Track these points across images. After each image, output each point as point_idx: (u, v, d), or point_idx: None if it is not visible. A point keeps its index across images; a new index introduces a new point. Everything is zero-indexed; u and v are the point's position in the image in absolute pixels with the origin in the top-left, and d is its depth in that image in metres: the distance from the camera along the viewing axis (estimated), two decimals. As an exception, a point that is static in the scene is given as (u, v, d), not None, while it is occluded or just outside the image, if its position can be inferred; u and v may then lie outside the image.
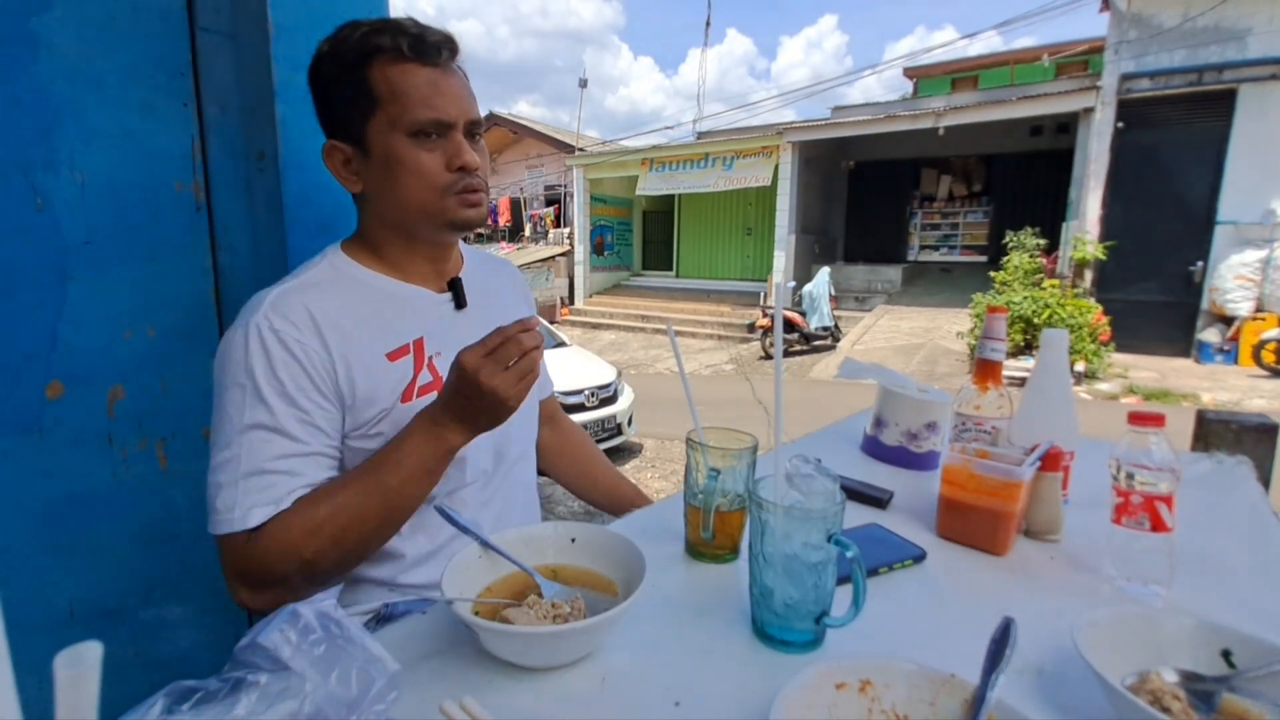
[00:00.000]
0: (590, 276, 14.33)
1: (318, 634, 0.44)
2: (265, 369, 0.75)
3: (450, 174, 0.82)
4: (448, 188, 0.83)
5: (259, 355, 0.76)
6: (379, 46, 0.79)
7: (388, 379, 0.83)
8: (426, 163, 0.81)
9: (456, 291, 0.93)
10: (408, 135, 0.80)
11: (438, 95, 0.80)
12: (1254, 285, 7.50)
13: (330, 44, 0.81)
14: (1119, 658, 0.53)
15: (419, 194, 0.82)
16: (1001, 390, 0.97)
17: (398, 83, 0.79)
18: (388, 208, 0.86)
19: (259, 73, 1.00)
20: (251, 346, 0.76)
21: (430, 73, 0.80)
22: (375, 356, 0.83)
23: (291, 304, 0.79)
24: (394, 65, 0.79)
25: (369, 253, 0.89)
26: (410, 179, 0.82)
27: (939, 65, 16.06)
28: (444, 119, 0.81)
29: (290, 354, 0.77)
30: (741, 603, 0.66)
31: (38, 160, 0.87)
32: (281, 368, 0.76)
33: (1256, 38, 7.42)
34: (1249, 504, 0.96)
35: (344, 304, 0.83)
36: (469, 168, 0.83)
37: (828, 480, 0.65)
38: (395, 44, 0.78)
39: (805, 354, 9.34)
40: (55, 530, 0.92)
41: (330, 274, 0.85)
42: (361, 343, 0.82)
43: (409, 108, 0.79)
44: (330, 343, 0.79)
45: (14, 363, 0.87)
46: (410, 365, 0.85)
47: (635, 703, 0.54)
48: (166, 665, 1.03)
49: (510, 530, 0.71)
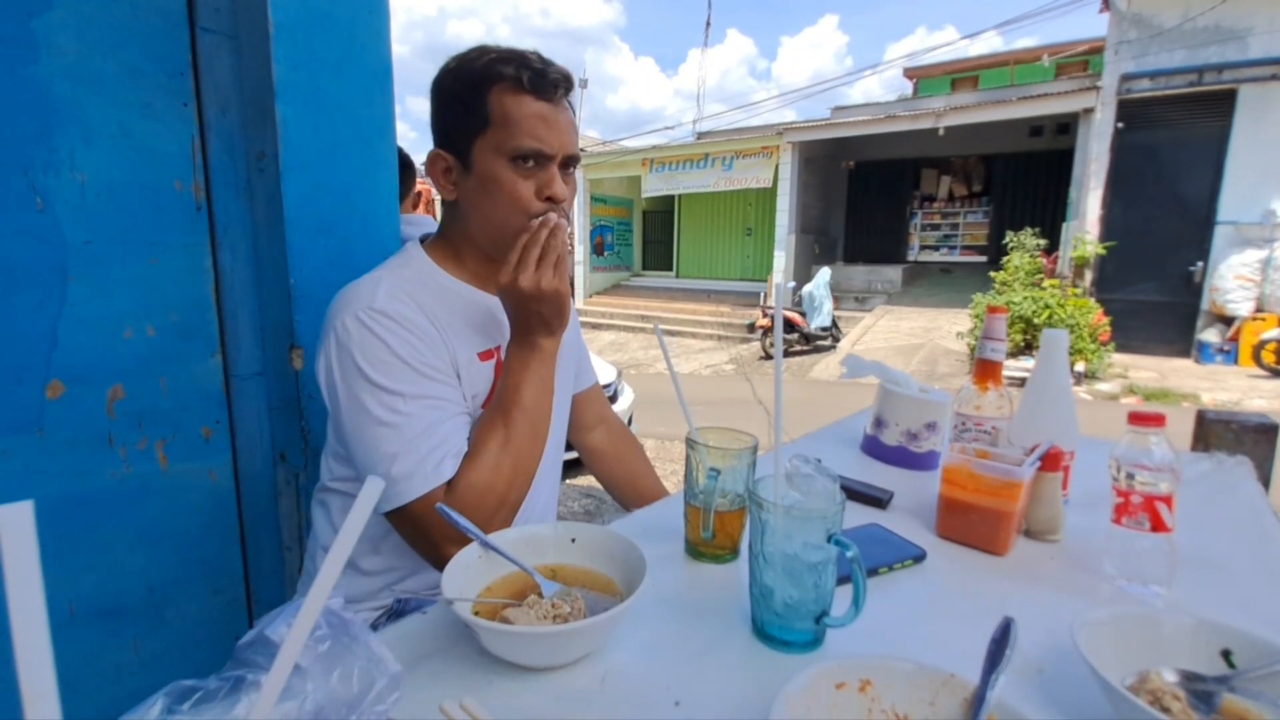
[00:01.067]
0: (590, 276, 14.34)
1: (323, 631, 0.44)
2: (402, 344, 0.81)
3: (540, 202, 0.86)
4: (535, 215, 0.86)
5: (391, 334, 0.81)
6: (502, 74, 0.83)
7: (481, 375, 0.90)
8: (521, 188, 0.85)
9: None
10: (509, 159, 0.85)
11: (545, 128, 0.85)
12: (1254, 285, 7.50)
13: (457, 61, 0.87)
14: (1119, 658, 0.53)
15: (508, 215, 0.86)
16: (1001, 390, 0.97)
17: (511, 110, 0.84)
18: (477, 222, 0.90)
19: (259, 73, 1.01)
20: (377, 330, 0.80)
21: (543, 106, 0.85)
22: (471, 353, 0.89)
23: (398, 292, 0.84)
24: (512, 94, 0.84)
25: (452, 258, 0.93)
26: (503, 199, 0.86)
27: (939, 65, 16.06)
28: (545, 150, 0.85)
29: (414, 332, 0.82)
30: (741, 603, 0.66)
31: (38, 160, 0.87)
32: (416, 341, 0.82)
33: (1256, 38, 7.42)
34: (1249, 504, 0.96)
35: (440, 303, 0.88)
36: (557, 198, 0.87)
37: (828, 480, 0.65)
38: (517, 74, 0.83)
39: (805, 354, 9.34)
40: (55, 530, 0.92)
41: (417, 273, 0.90)
42: (459, 338, 0.88)
43: (516, 135, 0.84)
44: (441, 329, 0.86)
45: (14, 363, 0.87)
46: (493, 370, 0.92)
47: (635, 703, 0.54)
48: (166, 665, 1.03)
49: (510, 530, 0.71)
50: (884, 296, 11.83)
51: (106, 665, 0.98)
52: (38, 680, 0.26)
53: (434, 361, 0.83)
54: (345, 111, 1.08)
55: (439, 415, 0.81)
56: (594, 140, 16.81)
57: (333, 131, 1.07)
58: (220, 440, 1.07)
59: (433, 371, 0.83)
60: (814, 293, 9.43)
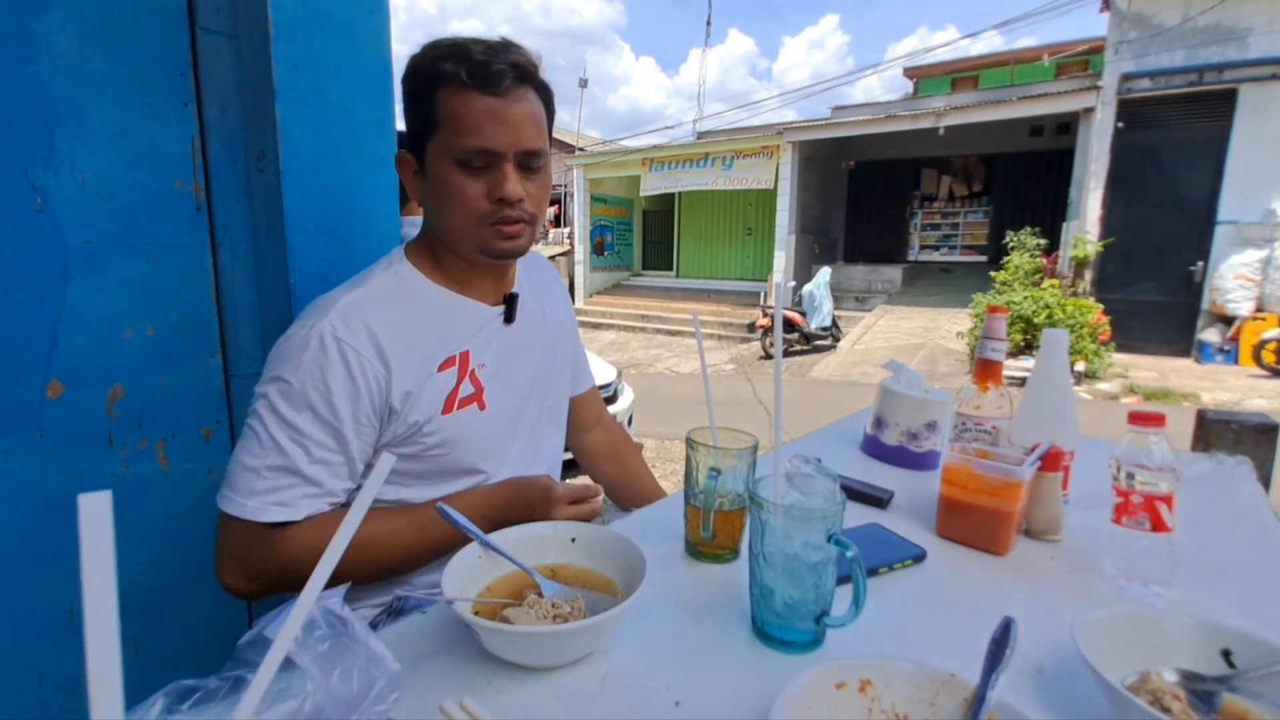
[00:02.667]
0: (590, 276, 14.33)
1: (322, 630, 0.44)
2: (317, 376, 0.78)
3: (490, 204, 0.83)
4: (485, 217, 0.83)
5: (315, 360, 0.78)
6: (444, 72, 0.80)
7: (432, 390, 0.85)
8: (469, 190, 0.82)
9: (510, 306, 0.95)
10: (456, 162, 0.81)
11: (490, 124, 0.80)
12: (1254, 285, 7.49)
13: (410, 61, 0.84)
14: (1119, 658, 0.53)
15: (458, 220, 0.84)
16: (1002, 390, 0.97)
17: (456, 109, 0.80)
18: (437, 226, 0.89)
19: (259, 73, 1.00)
20: (311, 349, 0.78)
21: (489, 102, 0.80)
22: (428, 370, 0.85)
23: (359, 317, 0.81)
24: (456, 92, 0.80)
25: (431, 261, 0.91)
26: (452, 205, 0.83)
27: (939, 65, 16.06)
28: (490, 148, 0.81)
29: (346, 365, 0.79)
30: (741, 603, 0.66)
31: (38, 160, 0.87)
32: (334, 377, 0.78)
33: (1257, 38, 7.42)
34: (1249, 504, 0.96)
35: (404, 316, 0.85)
36: (508, 198, 0.82)
37: (828, 480, 0.65)
38: (457, 70, 0.79)
39: (805, 354, 9.33)
40: (55, 530, 0.92)
41: (393, 285, 0.87)
42: (416, 356, 0.84)
43: (460, 135, 0.80)
44: (389, 357, 0.81)
45: (14, 363, 0.87)
46: (454, 376, 0.87)
47: (635, 703, 0.54)
48: (166, 664, 1.03)
49: (510, 530, 0.71)
50: (884, 296, 11.82)
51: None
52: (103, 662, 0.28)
53: (344, 409, 0.79)
54: (345, 111, 1.08)
55: (305, 457, 0.77)
56: (594, 140, 16.81)
57: (332, 131, 1.07)
58: (220, 440, 1.07)
59: (344, 408, 0.79)
60: (814, 292, 9.42)
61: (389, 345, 0.82)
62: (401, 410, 0.83)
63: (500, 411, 0.92)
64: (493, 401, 0.91)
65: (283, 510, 0.77)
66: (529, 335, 0.98)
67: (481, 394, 0.90)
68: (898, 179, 14.01)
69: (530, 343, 0.98)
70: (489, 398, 0.90)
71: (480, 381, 0.90)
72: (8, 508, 0.89)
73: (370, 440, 0.83)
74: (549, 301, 1.07)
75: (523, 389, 0.96)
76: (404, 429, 0.84)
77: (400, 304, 0.86)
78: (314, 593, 0.38)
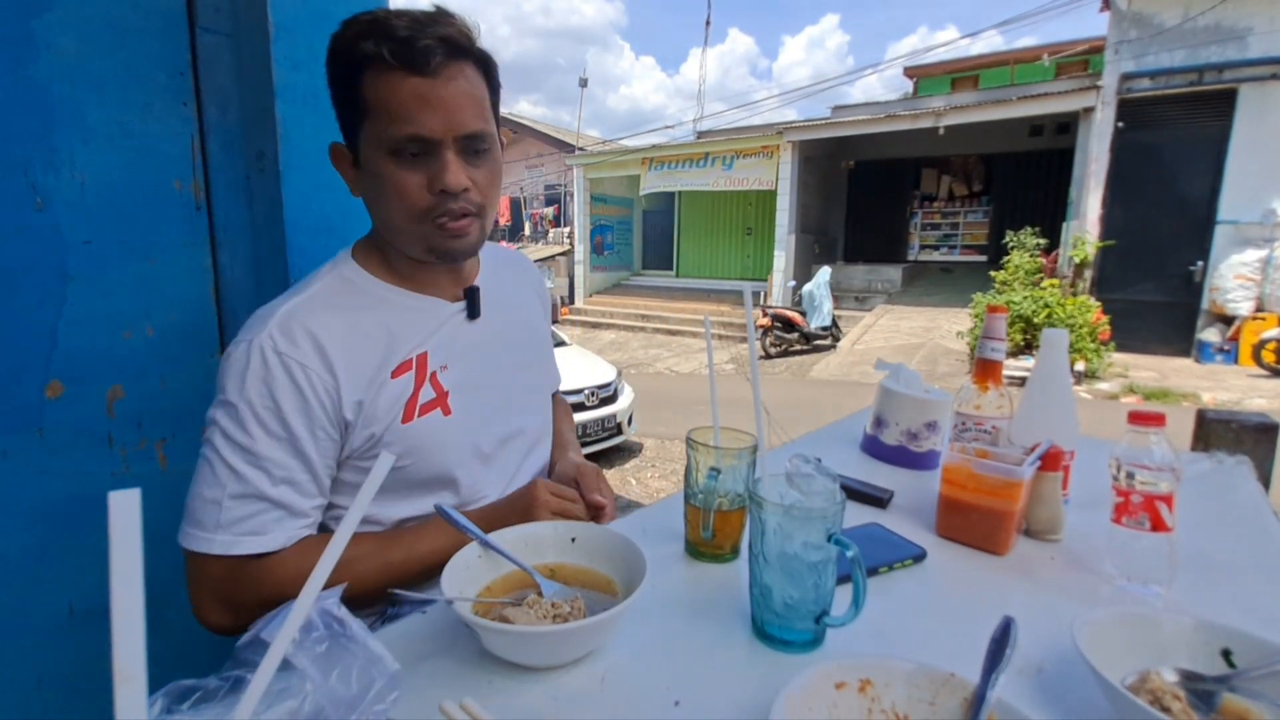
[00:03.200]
0: (590, 276, 14.34)
1: (320, 631, 0.44)
2: (263, 392, 0.72)
3: (431, 197, 0.75)
4: (427, 212, 0.76)
5: (258, 377, 0.72)
6: (365, 53, 0.71)
7: (387, 397, 0.79)
8: (407, 183, 0.75)
9: (471, 301, 0.88)
10: (389, 153, 0.74)
11: (421, 108, 0.72)
12: (1254, 285, 7.49)
13: (330, 41, 0.75)
14: (1119, 658, 0.53)
15: (398, 216, 0.77)
16: (1001, 390, 0.97)
17: (383, 93, 0.72)
18: (377, 221, 0.82)
19: (259, 73, 1.00)
20: (253, 366, 0.73)
21: (418, 83, 0.72)
22: (380, 376, 0.79)
23: (299, 324, 0.75)
24: (382, 74, 0.72)
25: (381, 260, 0.85)
26: (390, 200, 0.76)
27: (939, 65, 16.06)
28: (424, 135, 0.73)
29: (291, 378, 0.73)
30: (741, 603, 0.66)
31: (38, 160, 0.87)
32: (281, 391, 0.73)
33: (1257, 38, 7.42)
34: (1249, 504, 0.96)
35: (351, 321, 0.78)
36: (450, 189, 0.74)
37: (828, 480, 0.65)
38: (378, 50, 0.71)
39: (805, 354, 9.34)
40: (55, 530, 0.92)
41: (338, 286, 0.81)
42: (366, 362, 0.78)
43: (389, 122, 0.72)
44: (336, 365, 0.75)
45: (14, 363, 0.87)
46: (411, 382, 0.81)
47: (635, 702, 0.54)
48: (166, 664, 1.03)
49: (510, 529, 0.71)
50: (884, 296, 11.82)
51: (106, 665, 0.97)
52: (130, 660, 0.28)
53: (298, 425, 0.74)
54: (345, 111, 1.08)
55: (265, 479, 0.72)
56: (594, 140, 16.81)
57: (333, 131, 1.07)
58: (220, 440, 1.07)
59: (297, 423, 0.74)
60: (814, 292, 9.43)
61: (335, 353, 0.75)
62: (355, 422, 0.77)
63: (469, 414, 0.85)
64: (459, 404, 0.84)
65: (256, 540, 0.71)
66: (498, 329, 0.92)
67: (445, 398, 0.83)
68: (898, 179, 14.01)
69: (501, 337, 0.92)
70: (455, 401, 0.84)
71: (443, 385, 0.83)
72: (8, 508, 0.89)
73: (332, 455, 0.77)
74: (528, 302, 1.02)
75: (495, 387, 0.89)
76: (361, 443, 0.78)
77: (346, 308, 0.79)
78: (311, 595, 0.38)
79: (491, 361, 0.90)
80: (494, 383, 0.90)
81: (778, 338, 9.23)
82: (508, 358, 0.92)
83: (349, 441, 0.78)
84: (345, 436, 0.78)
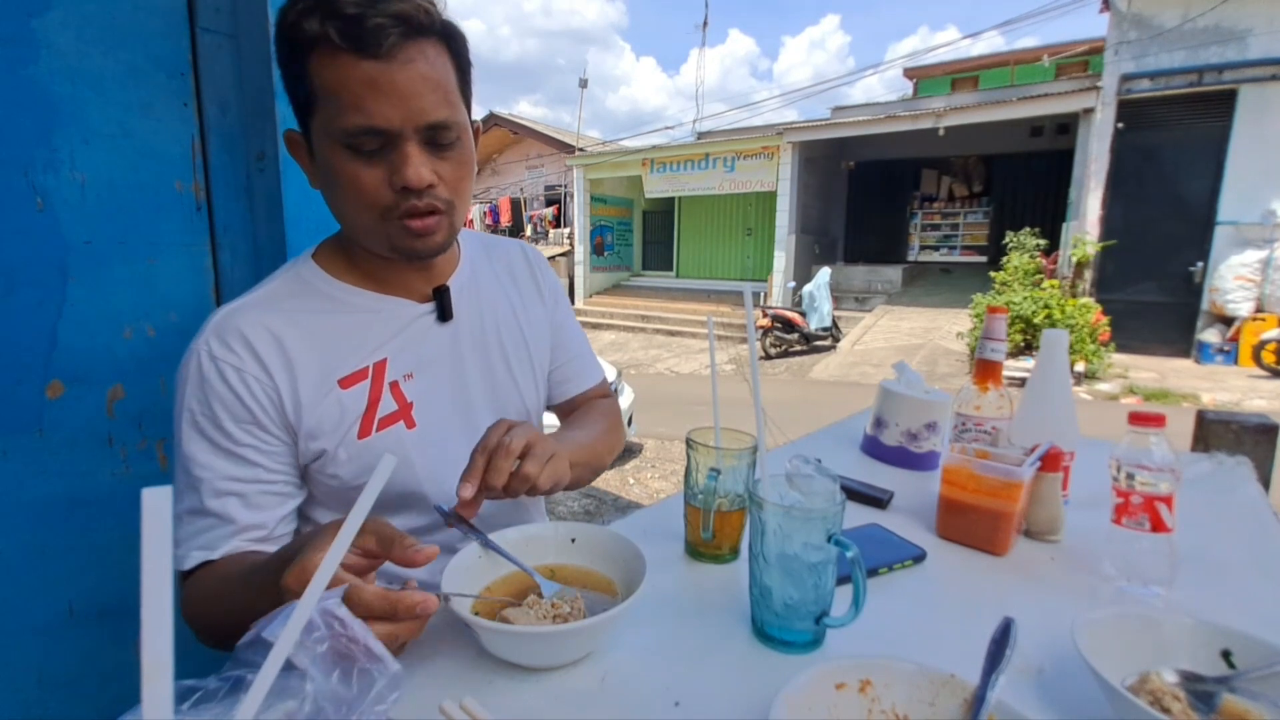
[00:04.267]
0: (590, 276, 14.34)
1: (321, 631, 0.44)
2: (202, 401, 0.69)
3: (392, 193, 0.68)
4: (388, 210, 0.69)
5: (195, 385, 0.69)
6: (311, 34, 0.64)
7: (336, 410, 0.73)
8: (364, 179, 0.67)
9: (441, 302, 0.81)
10: (343, 146, 0.67)
11: (374, 97, 0.64)
12: (1254, 285, 7.50)
13: (276, 20, 0.68)
14: (1119, 658, 0.53)
15: (356, 214, 0.71)
16: (1001, 390, 0.97)
17: (329, 81, 0.65)
18: (337, 220, 0.76)
19: (259, 73, 1.00)
20: (190, 375, 0.70)
21: (370, 67, 0.63)
22: (326, 384, 0.73)
23: (234, 327, 0.71)
24: (327, 58, 0.64)
25: (343, 259, 0.79)
26: (347, 196, 0.69)
27: (939, 65, 16.06)
28: (379, 126, 0.65)
29: (226, 384, 0.69)
30: (741, 603, 0.66)
31: (38, 160, 0.87)
32: (216, 400, 0.69)
33: (1257, 38, 7.42)
34: (1249, 504, 0.96)
35: (300, 323, 0.73)
36: (411, 186, 0.67)
37: (828, 481, 0.65)
38: (324, 30, 0.63)
39: (805, 354, 9.33)
40: (55, 530, 0.92)
41: (293, 287, 0.76)
42: (312, 369, 0.72)
43: (339, 111, 0.65)
44: (274, 369, 0.71)
45: (14, 363, 0.87)
46: (366, 393, 0.75)
47: (635, 703, 0.54)
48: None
49: (510, 530, 0.71)
50: (884, 296, 11.83)
51: (106, 665, 0.97)
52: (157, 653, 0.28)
53: (238, 432, 0.69)
54: (345, 111, 1.08)
55: (210, 490, 0.68)
56: (594, 140, 16.82)
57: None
58: (220, 440, 1.07)
59: (238, 430, 0.69)
60: (814, 293, 9.43)
61: (271, 356, 0.71)
62: (298, 427, 0.72)
63: (437, 427, 0.79)
64: (425, 417, 0.78)
65: (203, 554, 0.67)
66: (475, 332, 0.85)
67: (409, 410, 0.77)
68: (898, 179, 14.03)
69: (477, 340, 0.85)
70: (420, 413, 0.78)
71: (405, 395, 0.77)
72: (8, 508, 0.89)
73: (287, 460, 0.73)
74: (510, 292, 0.92)
75: (470, 394, 0.83)
76: (311, 457, 0.73)
77: (294, 310, 0.74)
78: (314, 595, 0.38)
79: (464, 367, 0.83)
80: (466, 392, 0.83)
81: (777, 338, 9.23)
82: (484, 362, 0.85)
83: (303, 450, 0.73)
84: (298, 442, 0.73)
